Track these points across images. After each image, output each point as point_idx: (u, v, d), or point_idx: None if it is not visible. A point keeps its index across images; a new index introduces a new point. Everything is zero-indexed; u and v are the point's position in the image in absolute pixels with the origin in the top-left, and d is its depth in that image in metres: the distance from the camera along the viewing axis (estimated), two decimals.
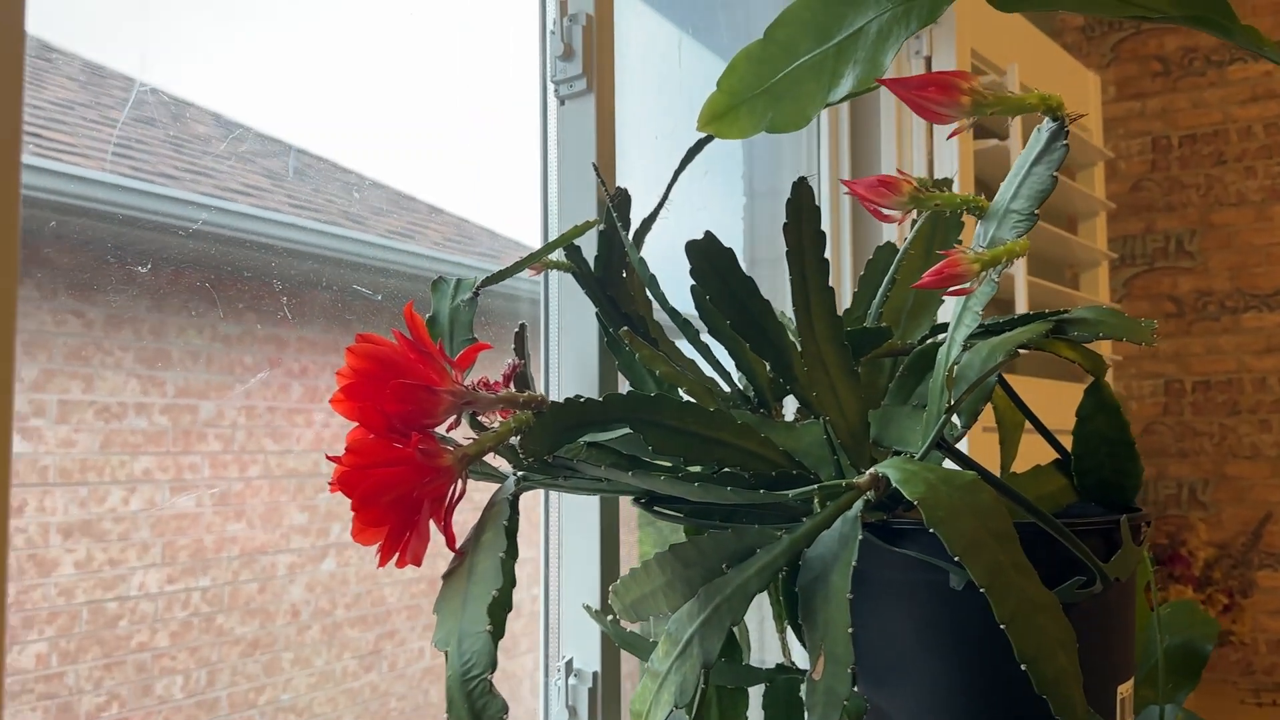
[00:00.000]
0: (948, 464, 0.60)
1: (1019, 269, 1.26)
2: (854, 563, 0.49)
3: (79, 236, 0.95)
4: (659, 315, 0.74)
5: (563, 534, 0.76)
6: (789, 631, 0.69)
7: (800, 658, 0.77)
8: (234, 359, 1.15)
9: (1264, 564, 2.43)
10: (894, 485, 0.49)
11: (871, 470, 0.51)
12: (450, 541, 0.48)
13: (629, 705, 0.50)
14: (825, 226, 1.25)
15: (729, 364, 0.69)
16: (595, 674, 0.76)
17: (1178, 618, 0.85)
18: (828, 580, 0.49)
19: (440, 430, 0.52)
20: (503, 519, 0.47)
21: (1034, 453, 0.72)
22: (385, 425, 0.47)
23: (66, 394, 1.03)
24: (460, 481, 0.49)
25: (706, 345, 0.67)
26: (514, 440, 0.51)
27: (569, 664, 0.76)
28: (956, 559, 0.46)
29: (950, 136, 0.45)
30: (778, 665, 0.67)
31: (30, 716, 0.98)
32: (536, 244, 0.84)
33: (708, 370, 0.72)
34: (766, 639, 1.13)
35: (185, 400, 1.11)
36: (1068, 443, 0.68)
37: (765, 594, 0.72)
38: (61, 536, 1.02)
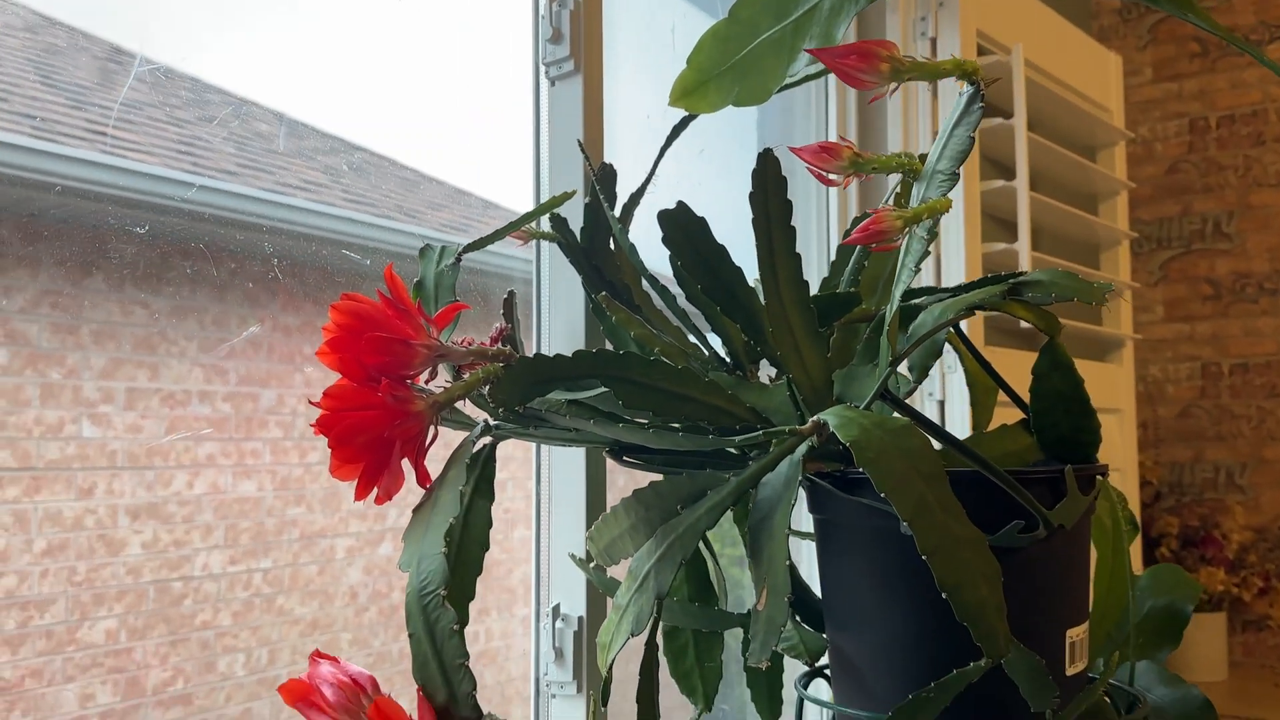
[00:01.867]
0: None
1: (1023, 247, 1.28)
2: (794, 503, 0.52)
3: (144, 230, 1.00)
4: (649, 289, 0.78)
5: (552, 488, 0.81)
6: None
7: None
8: (294, 348, 1.19)
9: None
10: (831, 430, 0.52)
11: (814, 418, 0.54)
12: (423, 479, 0.53)
13: (597, 638, 0.54)
14: (833, 206, 1.28)
15: (707, 329, 0.73)
16: (580, 619, 0.80)
17: (1160, 580, 0.87)
18: (771, 520, 0.53)
19: (422, 384, 0.56)
20: (466, 458, 0.51)
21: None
22: (364, 375, 0.52)
23: (133, 381, 1.08)
24: (433, 427, 0.54)
25: (684, 311, 0.71)
26: (485, 391, 0.56)
27: (556, 609, 0.81)
28: (883, 495, 0.49)
29: (871, 101, 0.48)
30: (751, 610, 0.71)
31: (101, 689, 1.03)
32: None
33: (692, 338, 0.76)
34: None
35: (247, 388, 1.16)
36: None
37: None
38: (129, 518, 1.06)
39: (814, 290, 0.68)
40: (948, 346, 1.31)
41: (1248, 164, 2.57)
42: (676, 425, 0.58)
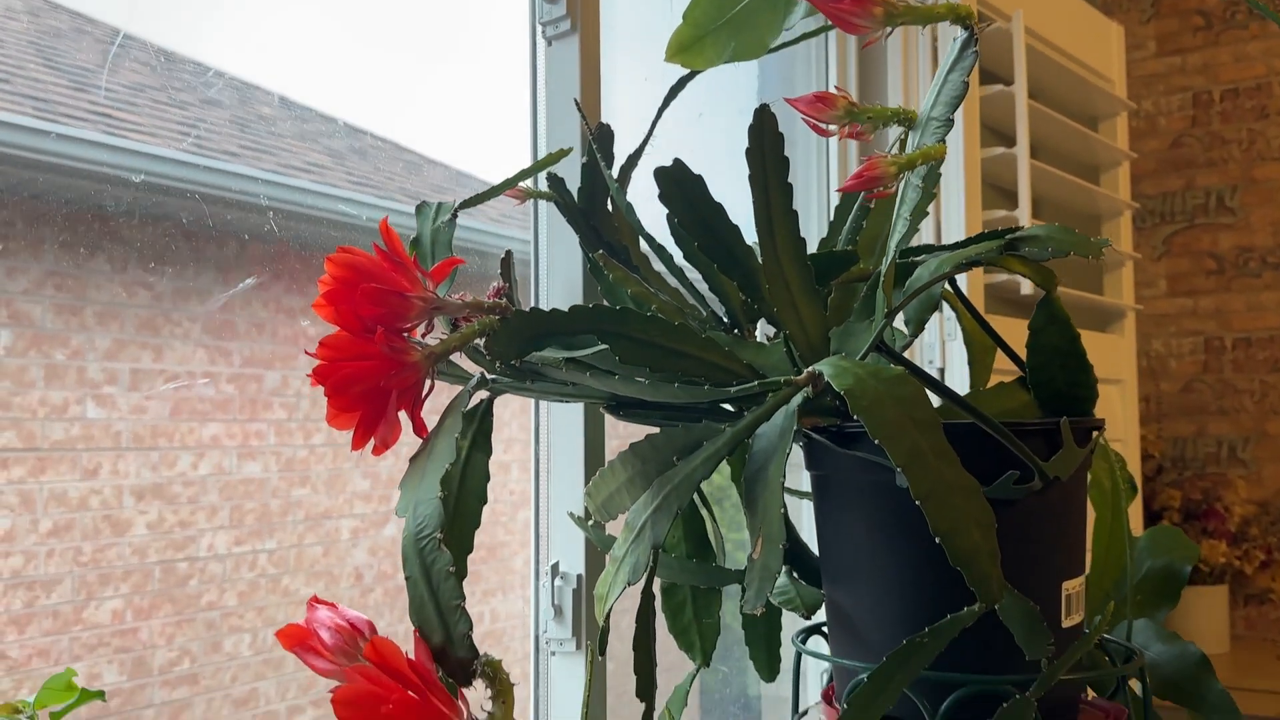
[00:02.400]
0: None
1: (1024, 215, 1.28)
2: (788, 452, 0.52)
3: (148, 212, 1.00)
4: (648, 250, 0.78)
5: (552, 448, 0.81)
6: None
7: None
8: (297, 330, 1.20)
9: None
10: (826, 380, 0.53)
11: (809, 369, 0.55)
12: (420, 430, 0.53)
13: (595, 590, 0.54)
14: (833, 169, 1.27)
15: (705, 291, 0.73)
16: (579, 576, 0.81)
17: (1159, 541, 0.88)
18: (766, 469, 0.53)
19: (419, 339, 0.56)
20: (462, 407, 0.52)
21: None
22: (360, 326, 0.52)
23: (138, 363, 1.09)
24: (429, 379, 0.54)
25: (681, 270, 0.71)
26: (482, 344, 0.56)
27: (555, 567, 0.81)
28: (877, 442, 0.49)
29: (866, 45, 0.48)
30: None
31: (107, 669, 1.04)
32: None
33: (690, 298, 0.76)
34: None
35: (251, 370, 1.16)
36: None
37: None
38: (134, 499, 1.07)
39: (812, 251, 0.68)
40: (947, 310, 1.31)
41: (1251, 138, 2.55)
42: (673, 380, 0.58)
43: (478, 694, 0.44)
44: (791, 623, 0.78)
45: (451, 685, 0.43)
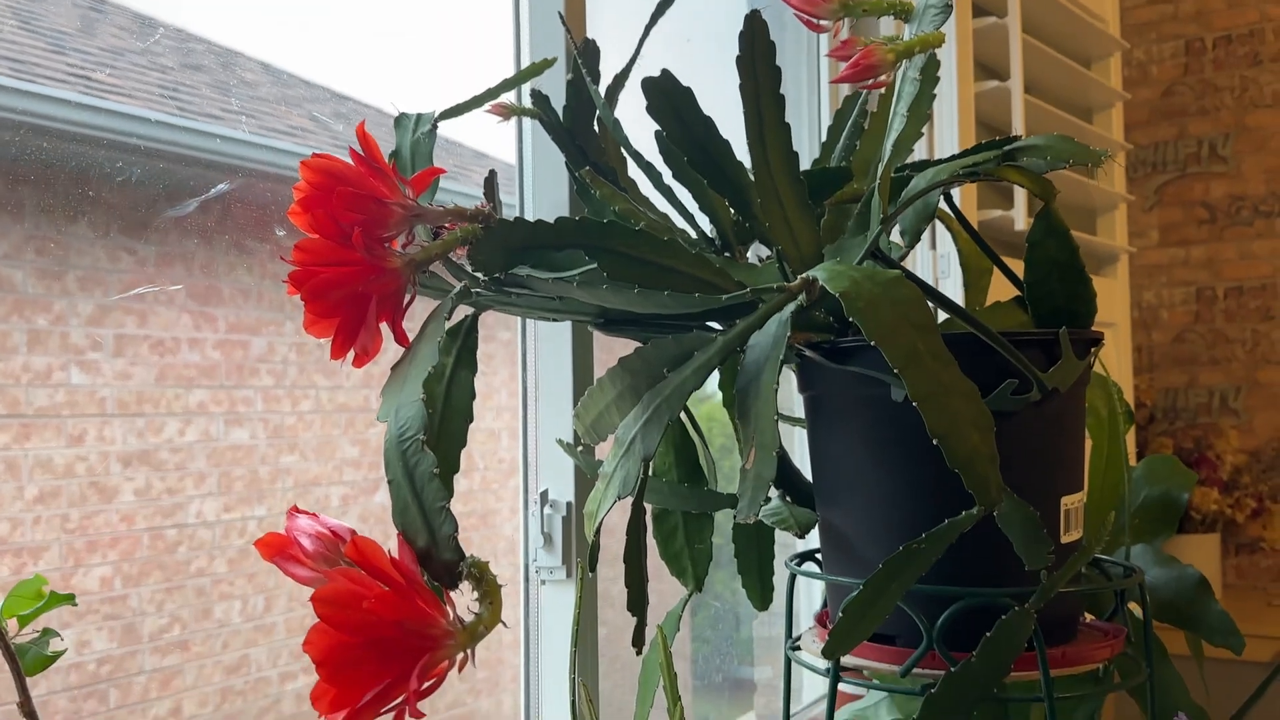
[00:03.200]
0: None
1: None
2: (781, 359, 0.51)
3: (130, 175, 0.98)
4: (634, 174, 0.76)
5: (539, 375, 0.80)
6: None
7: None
8: (284, 296, 1.18)
9: None
10: (821, 284, 0.51)
11: (803, 275, 0.53)
12: (402, 340, 0.51)
13: (585, 509, 0.53)
14: (824, 95, 1.25)
15: (695, 210, 0.71)
16: (569, 504, 0.79)
17: (1156, 469, 0.87)
18: (759, 378, 0.52)
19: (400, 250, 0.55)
20: (444, 313, 0.50)
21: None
22: (338, 233, 0.50)
23: (122, 328, 1.07)
24: (411, 288, 0.52)
25: (670, 189, 0.69)
26: (465, 254, 0.54)
27: (544, 495, 0.80)
28: (874, 344, 0.48)
29: (831, 51, 0.46)
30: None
31: (97, 636, 1.03)
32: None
33: (680, 222, 0.74)
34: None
35: (237, 336, 1.14)
36: None
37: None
38: (121, 465, 1.05)
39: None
40: (942, 238, 1.29)
41: (1244, 85, 2.53)
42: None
43: (464, 599, 0.43)
44: (783, 552, 0.77)
45: (437, 589, 0.41)
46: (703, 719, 1.40)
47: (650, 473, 0.53)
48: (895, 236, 0.70)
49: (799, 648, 0.67)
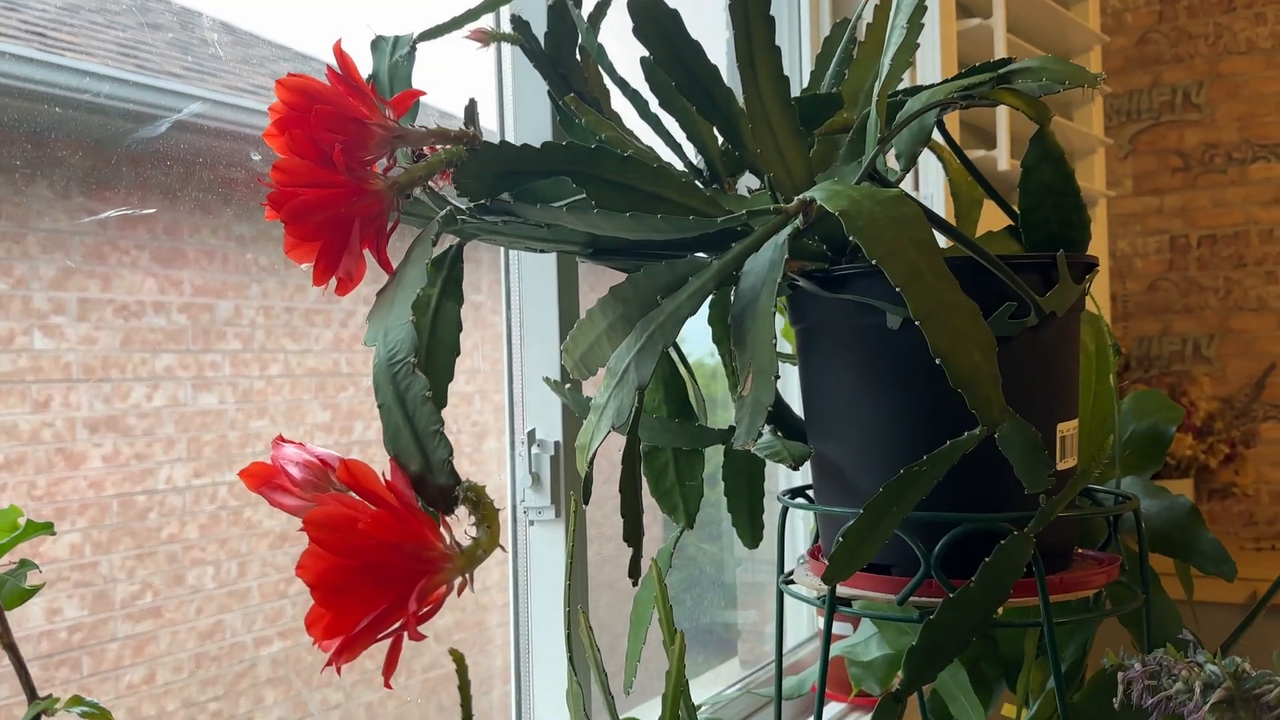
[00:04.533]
0: None
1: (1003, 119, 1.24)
2: (779, 281, 0.50)
3: (90, 134, 0.94)
4: (618, 107, 0.74)
5: (524, 313, 0.78)
6: None
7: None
8: (249, 259, 1.16)
9: (1268, 416, 2.44)
10: (819, 204, 0.50)
11: (800, 195, 0.52)
12: (386, 267, 0.50)
13: (576, 442, 0.52)
14: (805, 28, 1.23)
15: (681, 137, 0.69)
16: (557, 443, 0.78)
17: (1143, 404, 0.87)
18: (756, 302, 0.51)
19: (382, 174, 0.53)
20: (430, 236, 0.48)
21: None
22: (317, 153, 0.48)
23: (85, 292, 1.04)
24: (394, 213, 0.51)
25: (657, 118, 0.68)
26: (451, 177, 0.52)
27: (531, 434, 0.79)
28: (874, 262, 0.47)
29: None
30: (731, 426, 0.69)
31: (67, 603, 1.01)
32: None
33: (667, 155, 0.73)
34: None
35: (203, 299, 1.12)
36: None
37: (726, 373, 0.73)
38: (88, 431, 1.03)
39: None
40: (933, 167, 1.27)
41: (1218, 31, 2.53)
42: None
43: (459, 524, 0.42)
44: (772, 493, 0.76)
45: (433, 515, 0.40)
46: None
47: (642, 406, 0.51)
48: (890, 162, 0.69)
49: (792, 582, 0.66)
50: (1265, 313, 2.44)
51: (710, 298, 0.62)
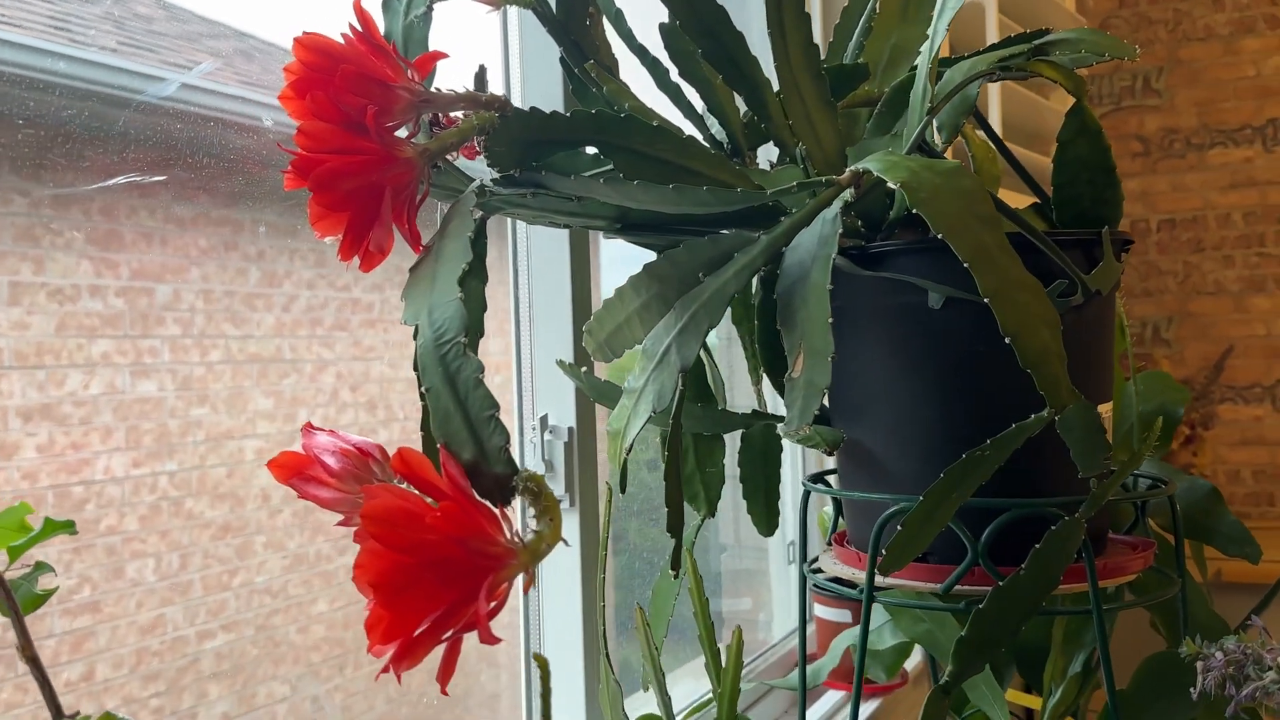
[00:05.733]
0: None
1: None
2: (833, 256, 0.47)
3: (20, 111, 0.89)
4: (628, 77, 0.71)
5: (533, 293, 0.75)
6: (764, 383, 0.68)
7: (776, 407, 0.76)
8: (188, 241, 1.11)
9: (1225, 398, 2.48)
10: (876, 175, 0.47)
11: (852, 166, 0.49)
12: (415, 240, 0.46)
13: (606, 427, 0.49)
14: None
15: (702, 109, 0.67)
16: (570, 429, 0.75)
17: (1150, 385, 0.86)
18: (806, 279, 0.48)
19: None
20: (468, 206, 0.45)
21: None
22: (342, 119, 0.45)
23: (17, 275, 1.00)
24: (423, 183, 0.47)
25: (677, 86, 0.65)
26: (480, 144, 0.49)
27: (544, 420, 0.76)
28: (940, 236, 0.44)
29: None
30: (754, 411, 0.66)
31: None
32: None
33: (686, 127, 0.70)
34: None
35: (141, 283, 1.08)
36: None
37: (741, 347, 0.71)
38: (21, 420, 0.99)
39: None
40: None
41: (1177, 18, 2.55)
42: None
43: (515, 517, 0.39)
44: (789, 481, 0.74)
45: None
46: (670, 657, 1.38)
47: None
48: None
49: (819, 570, 0.64)
50: (1223, 296, 2.47)
51: None
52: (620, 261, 0.89)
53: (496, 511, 0.36)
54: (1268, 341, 2.45)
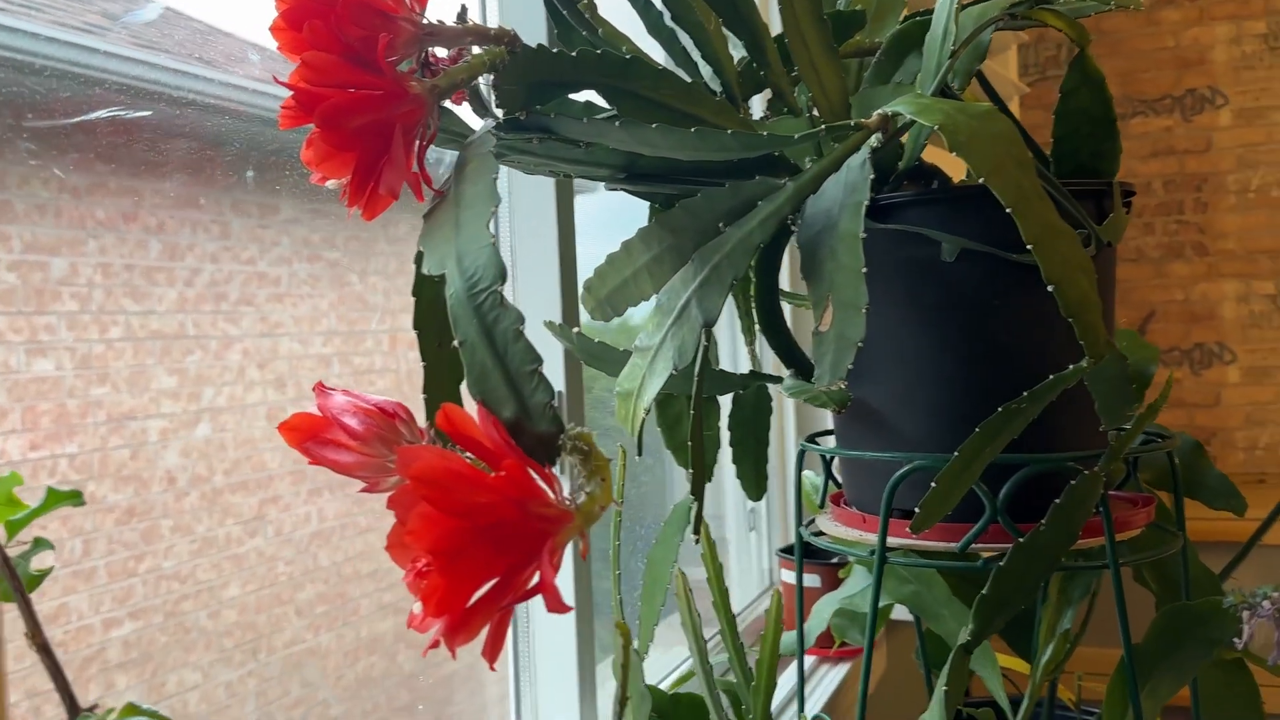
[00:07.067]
0: None
1: None
2: (864, 204, 0.45)
3: None
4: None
5: (517, 253, 0.71)
6: (759, 342, 0.66)
7: (770, 366, 0.74)
8: (85, 212, 1.04)
9: None
10: (908, 118, 0.45)
11: (879, 110, 0.47)
12: (423, 182, 0.43)
13: (615, 388, 0.46)
14: None
15: (697, 57, 0.64)
16: (560, 393, 0.72)
17: (1121, 343, 0.86)
18: (835, 228, 0.46)
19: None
20: (488, 147, 0.42)
21: None
22: (344, 50, 0.41)
23: None
24: (433, 121, 0.44)
25: (672, 31, 0.62)
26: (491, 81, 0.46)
27: None
28: (982, 180, 0.42)
29: None
30: (750, 371, 0.64)
31: None
32: None
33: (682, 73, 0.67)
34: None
35: (35, 256, 1.01)
36: None
37: (734, 307, 0.69)
38: None
39: None
40: None
41: None
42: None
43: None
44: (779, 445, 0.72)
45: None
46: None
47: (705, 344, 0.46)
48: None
49: (820, 533, 0.62)
50: (1143, 263, 2.54)
51: None
52: (589, 225, 0.86)
53: (547, 471, 0.33)
54: (1185, 306, 2.52)
